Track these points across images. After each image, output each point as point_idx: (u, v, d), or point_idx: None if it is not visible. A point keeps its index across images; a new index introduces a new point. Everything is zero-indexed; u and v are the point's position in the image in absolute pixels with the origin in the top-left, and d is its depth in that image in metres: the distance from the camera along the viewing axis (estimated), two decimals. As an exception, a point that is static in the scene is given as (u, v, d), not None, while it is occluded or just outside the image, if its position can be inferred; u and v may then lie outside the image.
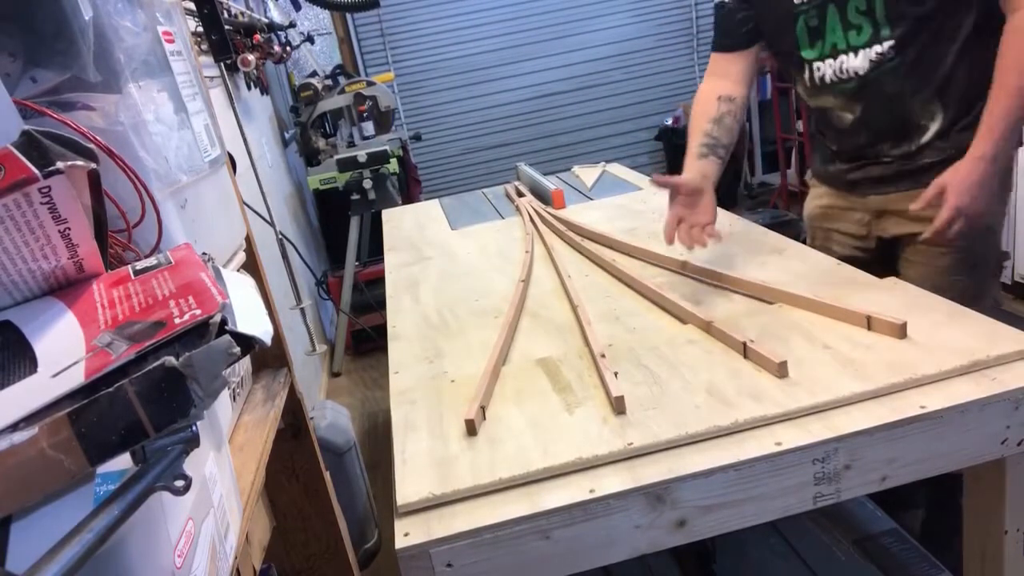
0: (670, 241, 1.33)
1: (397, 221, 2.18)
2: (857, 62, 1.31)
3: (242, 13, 2.62)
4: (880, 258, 1.46)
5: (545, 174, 2.27)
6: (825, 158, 1.52)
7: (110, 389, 0.42)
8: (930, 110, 1.30)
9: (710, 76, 1.53)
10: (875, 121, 1.36)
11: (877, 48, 1.28)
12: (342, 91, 3.50)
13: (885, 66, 1.29)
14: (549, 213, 1.85)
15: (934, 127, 1.31)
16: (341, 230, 3.35)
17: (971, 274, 1.33)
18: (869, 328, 0.97)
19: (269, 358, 1.19)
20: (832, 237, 1.54)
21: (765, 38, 1.47)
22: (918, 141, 1.33)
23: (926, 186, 1.30)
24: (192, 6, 1.75)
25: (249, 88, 2.85)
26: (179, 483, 0.48)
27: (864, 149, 1.40)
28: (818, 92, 1.41)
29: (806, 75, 1.41)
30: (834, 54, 1.34)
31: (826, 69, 1.36)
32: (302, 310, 2.12)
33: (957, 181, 1.20)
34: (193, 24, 1.79)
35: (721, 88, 1.48)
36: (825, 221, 1.55)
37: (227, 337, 0.45)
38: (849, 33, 1.31)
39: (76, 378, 0.43)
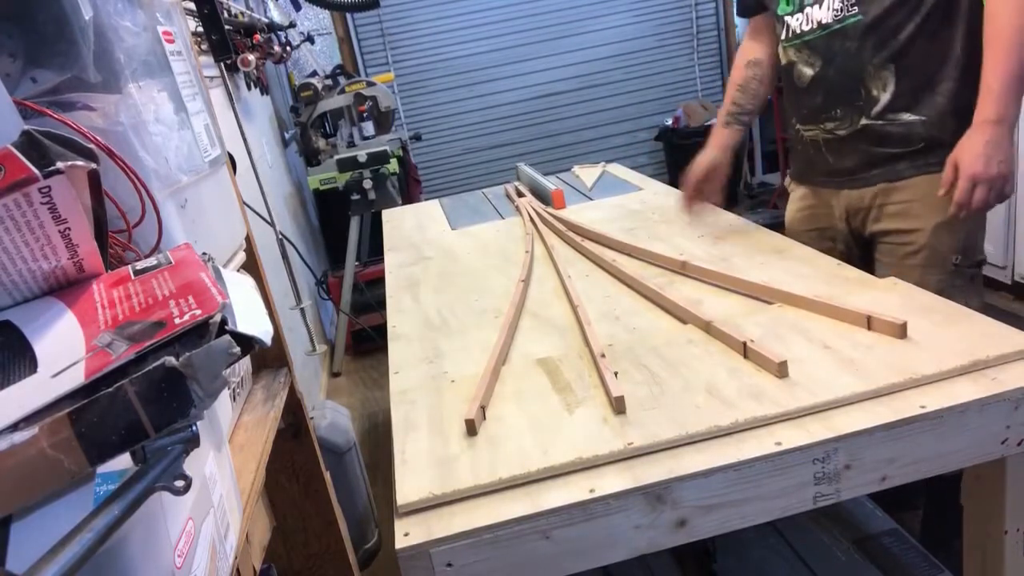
0: (683, 210, 1.63)
1: (397, 221, 2.18)
2: (821, 12, 1.37)
3: (242, 13, 2.62)
4: (862, 257, 1.48)
5: (545, 174, 2.27)
6: (797, 152, 1.56)
7: (110, 389, 0.42)
8: (883, 77, 1.33)
9: (746, 38, 1.66)
10: (831, 77, 1.40)
11: None
12: (342, 91, 3.50)
13: (848, 21, 1.34)
14: (549, 213, 1.85)
15: (884, 99, 1.34)
16: (341, 230, 3.35)
17: (939, 270, 1.34)
18: (869, 328, 0.97)
19: (269, 358, 1.19)
20: (821, 238, 1.53)
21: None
22: (869, 113, 1.36)
23: (899, 178, 1.35)
24: (192, 6, 1.75)
25: (249, 88, 2.85)
26: (179, 483, 0.48)
27: (819, 113, 1.44)
28: (787, 45, 1.47)
29: (782, 32, 1.47)
30: (802, 7, 1.41)
31: (794, 22, 1.43)
32: (302, 310, 2.12)
33: (967, 150, 1.21)
34: (193, 24, 1.79)
35: (750, 52, 1.62)
36: (810, 223, 1.56)
37: (227, 337, 0.45)
38: None
39: (76, 378, 0.43)
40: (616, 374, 0.95)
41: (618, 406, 0.87)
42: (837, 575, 1.29)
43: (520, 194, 2.14)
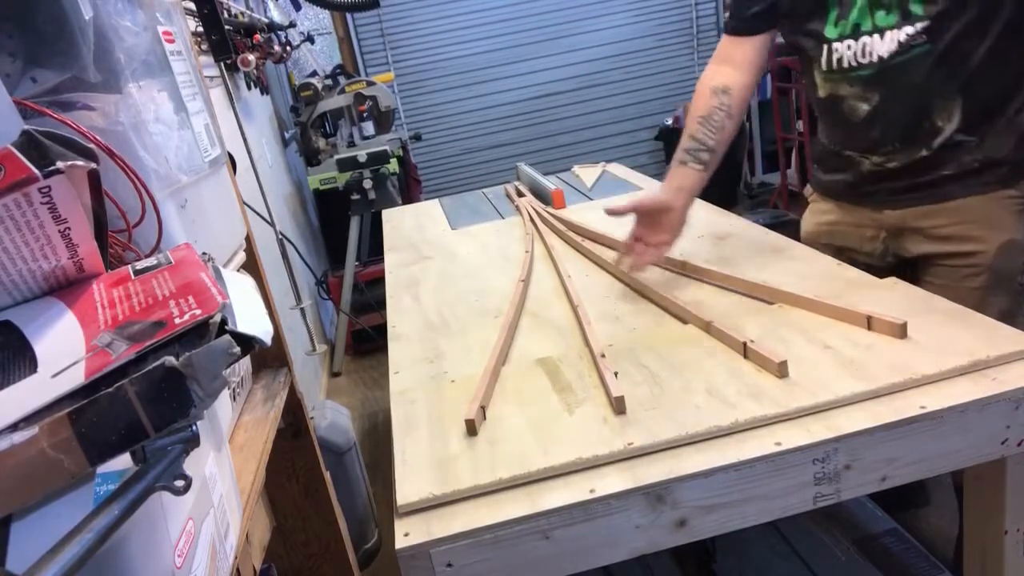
0: (618, 262, 1.33)
1: (397, 221, 2.18)
2: (883, 45, 1.20)
3: (242, 13, 2.62)
4: (901, 274, 1.34)
5: (545, 174, 2.27)
6: (830, 168, 1.43)
7: (110, 389, 0.42)
8: (949, 109, 1.22)
9: (713, 61, 1.40)
10: (892, 112, 1.26)
11: (908, 29, 1.18)
12: (342, 91, 3.50)
13: (914, 51, 1.19)
14: (549, 213, 1.85)
15: (948, 130, 1.23)
16: (341, 230, 3.35)
17: (1004, 292, 1.26)
18: (869, 328, 0.97)
19: (269, 358, 1.19)
20: (842, 256, 1.41)
21: (791, 18, 1.33)
22: (930, 145, 1.25)
23: (947, 199, 1.26)
24: (192, 6, 1.76)
25: (249, 88, 2.85)
26: (179, 483, 0.48)
27: (874, 146, 1.31)
28: (832, 78, 1.30)
29: (823, 58, 1.30)
30: (856, 35, 1.23)
31: (844, 51, 1.25)
32: (302, 310, 2.12)
33: None
34: (193, 24, 1.79)
35: (719, 77, 1.35)
36: (832, 239, 1.45)
37: (227, 337, 0.45)
38: (876, 13, 1.20)
39: (76, 378, 0.43)
40: (616, 374, 0.95)
41: (618, 406, 0.87)
42: (837, 575, 1.29)
43: (520, 194, 2.14)
